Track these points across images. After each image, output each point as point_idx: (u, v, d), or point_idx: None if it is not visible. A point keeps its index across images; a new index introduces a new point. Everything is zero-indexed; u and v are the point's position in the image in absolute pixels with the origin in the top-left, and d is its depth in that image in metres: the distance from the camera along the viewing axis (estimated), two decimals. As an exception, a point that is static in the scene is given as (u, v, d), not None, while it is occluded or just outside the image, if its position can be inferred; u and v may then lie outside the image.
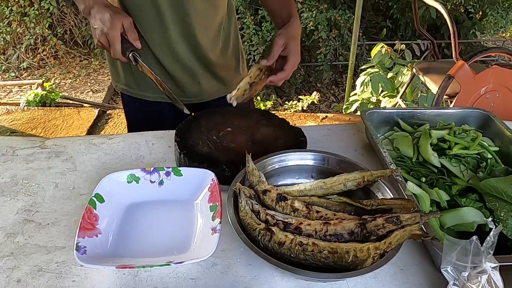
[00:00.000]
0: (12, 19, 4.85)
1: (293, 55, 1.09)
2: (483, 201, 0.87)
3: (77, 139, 1.14)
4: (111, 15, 0.98)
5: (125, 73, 1.29)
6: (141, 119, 1.37)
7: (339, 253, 0.68)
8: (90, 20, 1.02)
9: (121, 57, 1.02)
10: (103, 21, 0.97)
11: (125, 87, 1.32)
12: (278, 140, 1.03)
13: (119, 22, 0.98)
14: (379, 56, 3.03)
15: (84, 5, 1.02)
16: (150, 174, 0.89)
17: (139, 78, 1.28)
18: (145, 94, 1.30)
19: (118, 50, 0.99)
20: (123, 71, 1.29)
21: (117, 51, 0.99)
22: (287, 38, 1.09)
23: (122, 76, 1.31)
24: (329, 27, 4.57)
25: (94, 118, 3.40)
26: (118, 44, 0.99)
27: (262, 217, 0.76)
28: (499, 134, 1.08)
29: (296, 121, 3.40)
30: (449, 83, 2.14)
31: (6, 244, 0.81)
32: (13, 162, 1.04)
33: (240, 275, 0.75)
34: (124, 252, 0.77)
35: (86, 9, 1.02)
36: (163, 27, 1.14)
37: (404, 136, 1.06)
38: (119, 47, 0.99)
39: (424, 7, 4.65)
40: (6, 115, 3.43)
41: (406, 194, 0.84)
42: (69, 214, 0.88)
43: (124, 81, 1.31)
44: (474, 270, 0.65)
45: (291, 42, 1.09)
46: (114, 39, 0.98)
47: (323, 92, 4.73)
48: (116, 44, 0.99)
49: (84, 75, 4.85)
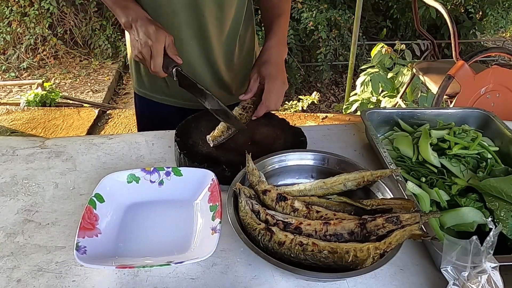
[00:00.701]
0: (12, 19, 4.85)
1: (268, 81, 1.08)
2: (483, 201, 0.87)
3: (77, 139, 1.14)
4: (156, 29, 0.99)
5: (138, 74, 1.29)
6: (151, 119, 1.37)
7: (339, 253, 0.68)
8: (131, 33, 1.02)
9: (160, 71, 1.02)
10: (148, 34, 0.98)
11: (136, 87, 1.32)
12: (278, 140, 1.03)
13: (164, 37, 0.99)
14: (379, 56, 3.03)
15: (126, 18, 1.03)
16: (150, 174, 0.89)
17: (148, 80, 1.27)
18: (153, 95, 1.30)
19: (160, 63, 1.00)
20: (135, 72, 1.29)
21: (158, 64, 1.00)
22: (259, 66, 1.09)
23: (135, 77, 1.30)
24: (329, 27, 4.58)
25: (94, 118, 3.40)
26: (161, 58, 1.00)
27: (262, 217, 0.76)
28: (499, 134, 1.08)
29: (296, 121, 3.40)
30: (449, 83, 2.14)
31: (6, 244, 0.81)
32: (13, 162, 1.04)
33: (240, 275, 0.75)
34: (124, 252, 0.77)
35: (127, 23, 1.03)
36: (176, 27, 1.13)
37: (404, 136, 1.06)
38: (161, 61, 1.00)
39: (424, 7, 4.65)
40: (6, 115, 3.43)
41: (406, 194, 0.84)
42: (69, 214, 0.88)
43: (136, 81, 1.31)
44: (474, 270, 0.65)
45: (264, 69, 1.09)
46: (158, 52, 0.99)
47: (323, 92, 4.73)
48: (159, 57, 0.99)
49: (84, 75, 4.85)
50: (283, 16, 1.20)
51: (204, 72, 1.24)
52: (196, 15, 1.12)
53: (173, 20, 1.12)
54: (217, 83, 1.28)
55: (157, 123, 1.27)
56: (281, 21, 1.18)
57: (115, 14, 1.08)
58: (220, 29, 1.17)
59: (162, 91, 1.28)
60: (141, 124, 1.43)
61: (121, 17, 1.04)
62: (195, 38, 1.17)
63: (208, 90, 1.01)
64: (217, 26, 1.16)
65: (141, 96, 1.33)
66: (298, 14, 4.56)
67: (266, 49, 1.14)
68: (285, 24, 1.20)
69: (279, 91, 1.10)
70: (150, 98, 1.30)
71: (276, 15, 1.19)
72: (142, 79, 1.29)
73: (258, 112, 1.09)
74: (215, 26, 1.16)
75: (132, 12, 1.02)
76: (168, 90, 1.28)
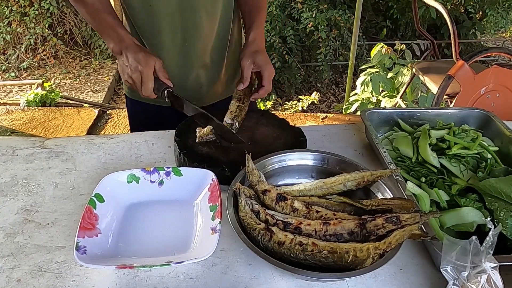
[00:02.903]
0: (12, 19, 4.85)
1: (265, 68, 1.14)
2: (482, 201, 0.87)
3: (77, 139, 1.14)
4: (145, 55, 1.02)
5: None
6: (144, 122, 1.37)
7: (339, 253, 0.68)
8: (120, 58, 1.05)
9: (151, 94, 1.05)
10: (138, 60, 1.01)
11: (128, 89, 1.33)
12: (278, 140, 1.03)
13: (153, 62, 1.02)
14: (379, 56, 3.03)
15: (114, 43, 1.05)
16: (150, 174, 0.89)
17: None
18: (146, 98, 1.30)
19: (151, 88, 1.03)
20: None
21: (149, 88, 1.03)
22: (252, 56, 1.14)
23: None
24: (329, 27, 4.58)
25: (94, 118, 3.40)
26: (151, 82, 1.03)
27: (262, 217, 0.77)
28: (499, 134, 1.08)
29: (296, 121, 3.40)
30: (449, 83, 2.14)
31: (6, 244, 0.81)
32: (13, 162, 1.04)
33: (240, 275, 0.75)
34: (124, 252, 0.77)
35: (116, 48, 1.05)
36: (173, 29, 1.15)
37: (404, 136, 1.06)
38: (152, 85, 1.03)
39: (424, 7, 4.65)
40: (6, 115, 3.43)
41: (406, 194, 0.84)
42: (69, 214, 0.88)
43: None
44: (473, 270, 0.65)
45: (257, 57, 1.14)
46: (148, 77, 1.02)
47: (323, 92, 4.73)
48: (149, 82, 1.02)
49: (84, 75, 4.85)
50: (263, 10, 1.27)
51: (200, 72, 1.25)
52: (190, 13, 1.13)
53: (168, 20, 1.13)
54: (212, 79, 1.29)
55: (150, 124, 1.27)
56: (261, 15, 1.26)
57: (104, 39, 1.11)
58: (212, 24, 1.19)
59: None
60: (133, 126, 1.43)
61: (110, 43, 1.07)
62: (190, 38, 1.17)
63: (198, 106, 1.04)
64: (209, 22, 1.18)
65: (133, 99, 1.33)
66: (298, 14, 4.56)
67: (253, 40, 1.19)
68: (264, 19, 1.28)
69: (271, 76, 1.17)
70: (142, 100, 1.31)
71: (257, 10, 1.25)
72: None
73: (260, 94, 1.15)
74: (208, 21, 1.17)
75: (121, 39, 1.05)
76: None
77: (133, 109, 1.39)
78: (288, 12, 4.66)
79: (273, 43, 4.38)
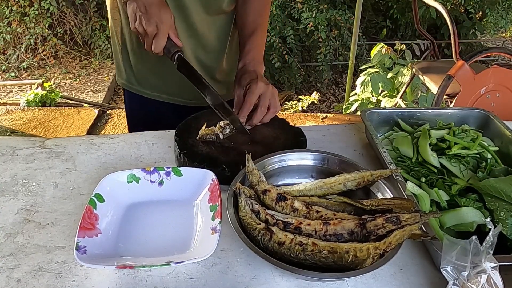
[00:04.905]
0: (12, 19, 4.85)
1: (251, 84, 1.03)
2: (482, 201, 0.87)
3: (77, 139, 1.14)
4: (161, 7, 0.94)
5: (126, 67, 1.27)
6: (142, 117, 1.36)
7: (339, 253, 0.68)
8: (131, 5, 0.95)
9: (161, 52, 0.97)
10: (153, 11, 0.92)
11: (125, 82, 1.30)
12: (278, 140, 1.03)
13: (170, 18, 0.95)
14: (379, 56, 3.03)
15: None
16: (150, 174, 0.89)
17: (139, 75, 1.26)
18: (145, 92, 1.29)
19: (163, 45, 0.95)
20: (124, 65, 1.28)
21: (161, 46, 0.95)
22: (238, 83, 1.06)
23: (124, 71, 1.29)
24: (329, 27, 4.58)
25: (94, 118, 3.40)
26: (165, 40, 0.95)
27: (262, 217, 0.76)
28: (499, 134, 1.08)
29: (296, 121, 3.40)
30: (449, 83, 2.14)
31: (6, 244, 0.81)
32: (13, 162, 1.04)
33: (240, 275, 0.75)
34: (124, 252, 0.77)
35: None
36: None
37: (404, 136, 1.06)
38: (165, 43, 0.95)
39: (424, 7, 4.65)
40: (6, 115, 3.43)
41: (406, 194, 0.84)
42: (69, 214, 0.88)
43: (125, 75, 1.29)
44: (473, 270, 0.65)
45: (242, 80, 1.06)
46: (164, 34, 0.94)
47: (323, 92, 4.73)
48: (163, 40, 0.94)
49: (84, 75, 4.85)
50: (259, 29, 1.15)
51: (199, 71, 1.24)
52: (186, 13, 1.12)
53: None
54: (213, 81, 1.28)
55: (148, 121, 1.26)
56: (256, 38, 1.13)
57: None
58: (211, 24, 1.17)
59: (155, 86, 1.26)
60: (131, 123, 1.41)
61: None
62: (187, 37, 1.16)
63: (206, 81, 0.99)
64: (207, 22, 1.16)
65: (131, 92, 1.30)
66: (298, 14, 4.56)
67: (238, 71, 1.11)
68: (261, 40, 1.15)
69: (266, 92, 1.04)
70: (141, 94, 1.28)
71: (250, 32, 1.15)
72: (132, 70, 1.25)
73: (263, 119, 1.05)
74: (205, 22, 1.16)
75: None
76: (161, 85, 1.26)
77: (131, 104, 1.36)
78: (288, 12, 4.66)
79: (273, 43, 4.38)
